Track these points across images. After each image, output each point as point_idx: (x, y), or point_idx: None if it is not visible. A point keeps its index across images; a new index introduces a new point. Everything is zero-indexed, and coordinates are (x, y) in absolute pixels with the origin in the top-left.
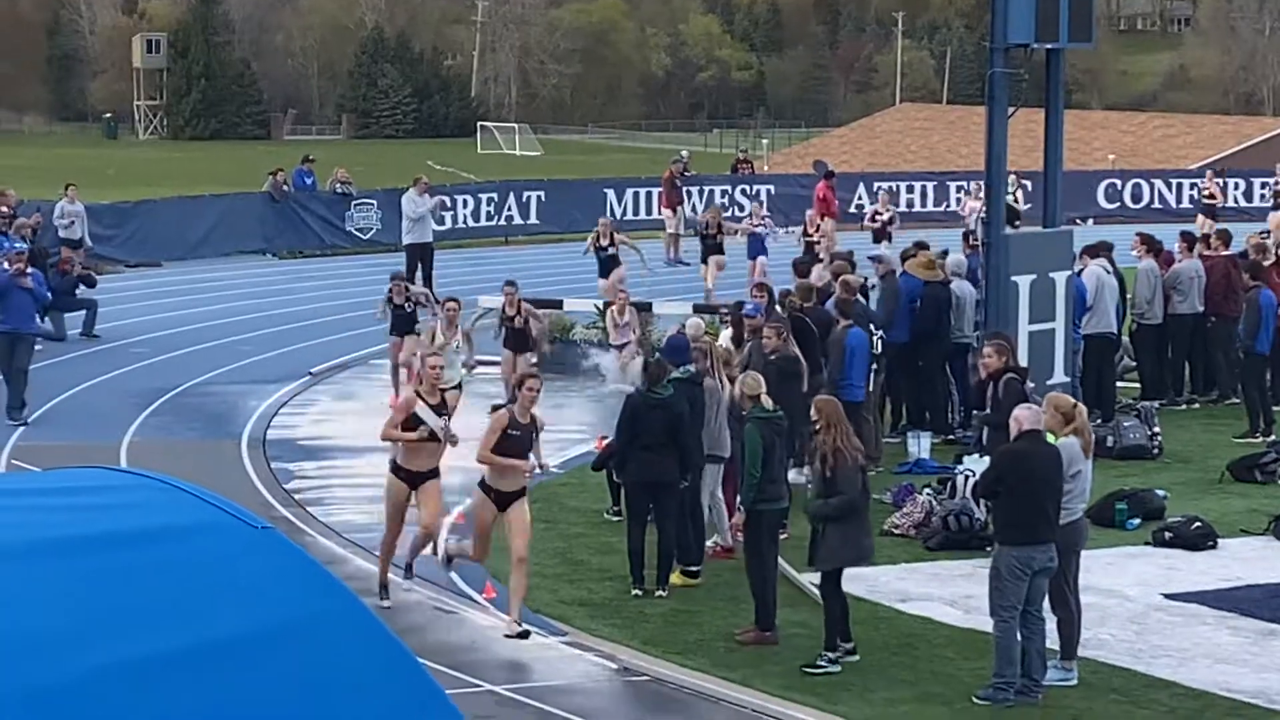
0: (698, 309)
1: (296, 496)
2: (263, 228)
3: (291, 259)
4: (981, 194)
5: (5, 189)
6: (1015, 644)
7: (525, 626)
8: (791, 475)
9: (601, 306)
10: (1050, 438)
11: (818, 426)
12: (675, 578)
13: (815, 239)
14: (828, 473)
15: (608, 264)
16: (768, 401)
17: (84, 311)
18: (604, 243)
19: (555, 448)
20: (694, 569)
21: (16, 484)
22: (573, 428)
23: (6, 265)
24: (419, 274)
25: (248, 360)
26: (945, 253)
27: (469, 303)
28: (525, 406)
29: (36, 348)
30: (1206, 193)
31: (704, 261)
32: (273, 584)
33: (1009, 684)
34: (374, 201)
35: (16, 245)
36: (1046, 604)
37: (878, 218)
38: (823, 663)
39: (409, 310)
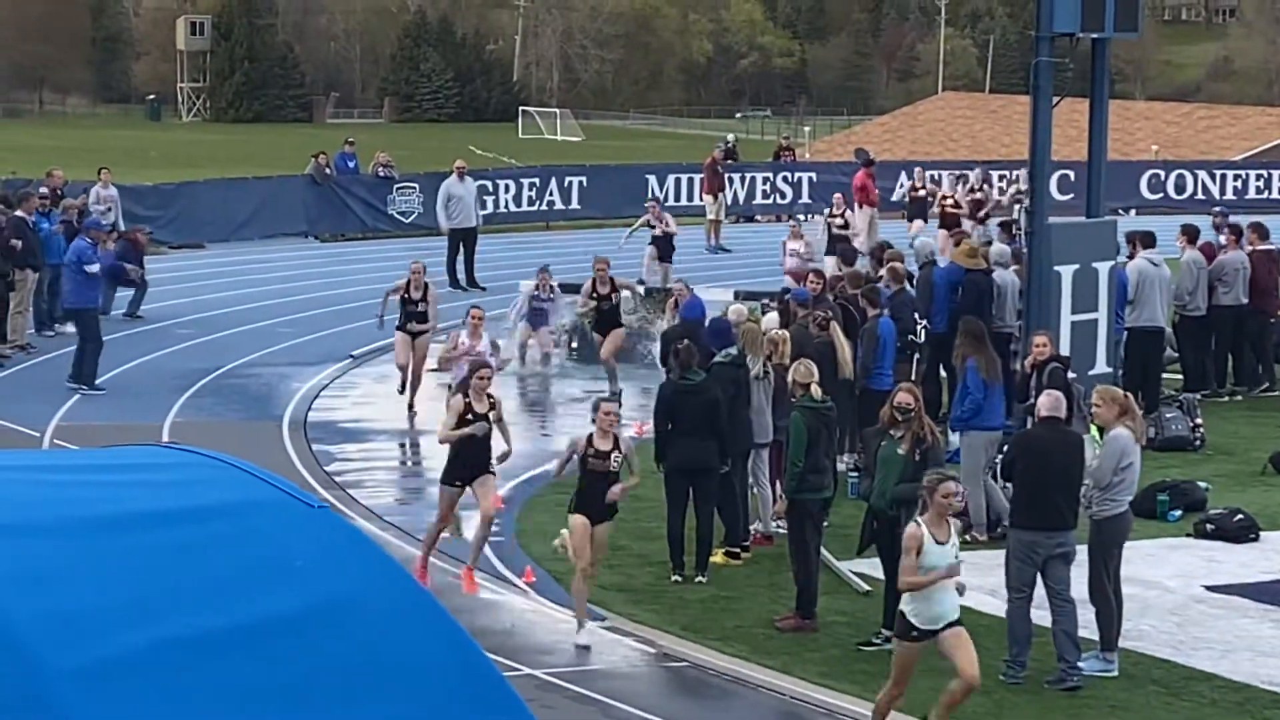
0: (739, 295)
1: (337, 479)
2: (305, 210)
3: (333, 242)
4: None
5: (54, 169)
6: (1022, 624)
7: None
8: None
9: (644, 291)
10: (1094, 431)
11: (914, 411)
12: (718, 558)
13: (843, 226)
14: (917, 456)
15: (663, 246)
16: (817, 391)
17: (133, 290)
18: (655, 222)
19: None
20: (737, 550)
21: (74, 460)
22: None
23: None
24: (460, 259)
25: (289, 342)
26: (989, 242)
27: (509, 287)
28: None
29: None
30: (927, 191)
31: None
32: (328, 561)
33: (1018, 662)
34: (416, 185)
35: (103, 224)
36: (1084, 593)
37: (916, 194)
38: (877, 641)
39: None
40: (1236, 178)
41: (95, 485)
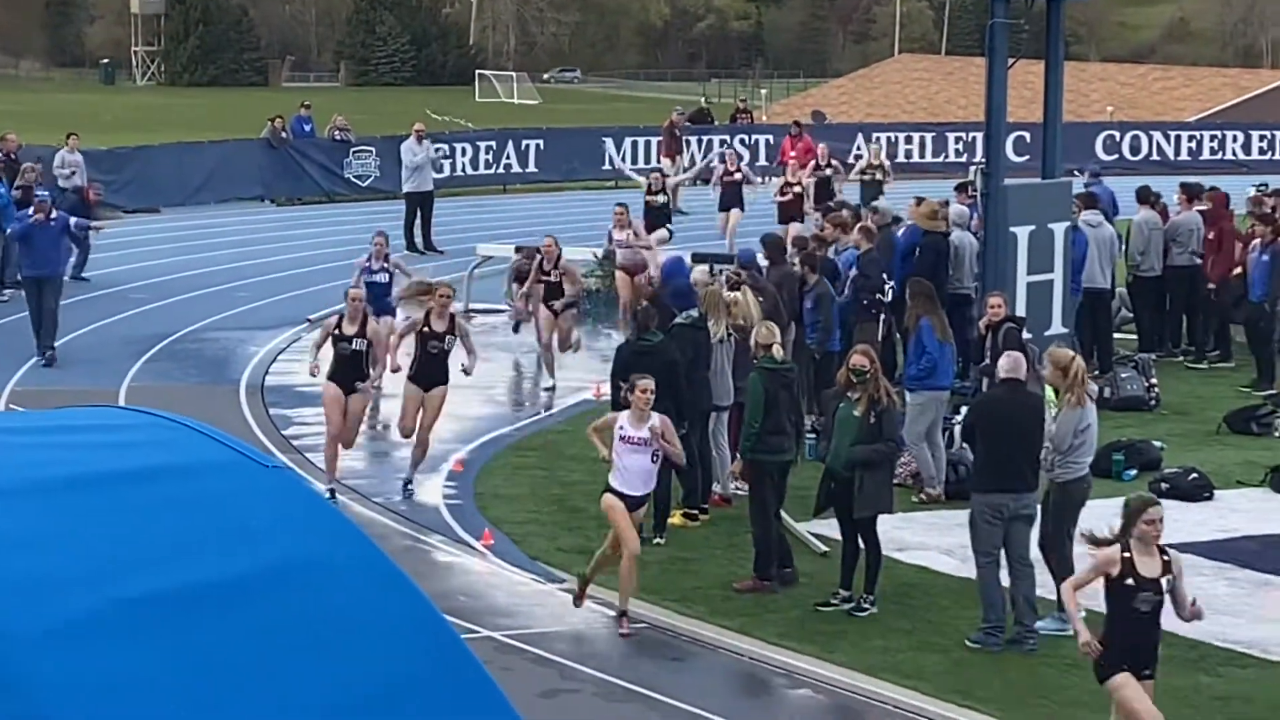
0: (696, 257)
1: (295, 443)
2: (261, 174)
3: (290, 206)
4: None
5: (6, 134)
6: (995, 588)
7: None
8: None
9: (600, 255)
10: (1050, 393)
11: (869, 374)
12: (676, 519)
13: (796, 189)
14: (872, 418)
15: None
16: (779, 352)
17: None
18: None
19: (555, 396)
20: (695, 511)
21: (24, 422)
22: (573, 378)
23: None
24: (418, 222)
25: (246, 307)
26: (946, 203)
27: (466, 251)
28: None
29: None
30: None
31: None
32: (284, 523)
33: (997, 628)
34: (372, 149)
35: (43, 195)
36: (1039, 553)
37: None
38: (866, 606)
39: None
40: (1191, 139)
41: (48, 447)
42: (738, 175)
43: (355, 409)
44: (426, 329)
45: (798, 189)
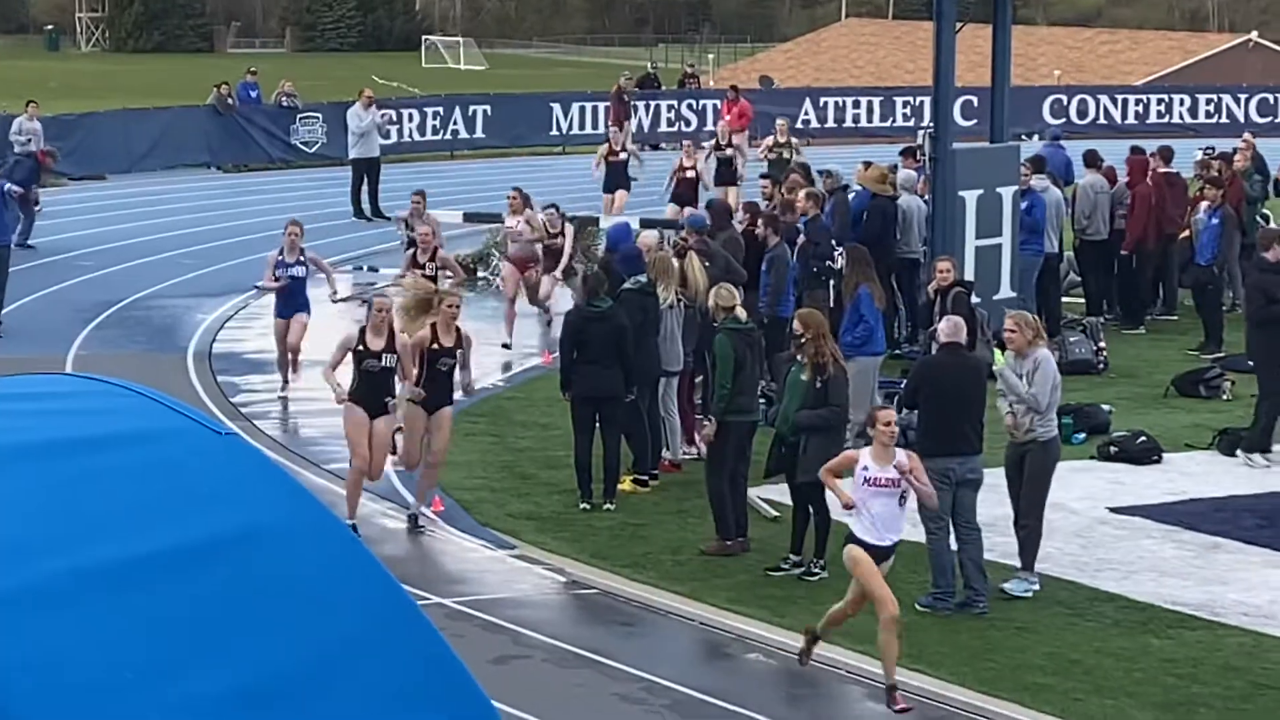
0: (645, 223)
1: (243, 410)
2: (207, 141)
3: (236, 172)
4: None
5: None
6: (945, 553)
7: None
8: None
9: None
10: (997, 356)
11: (805, 338)
12: (626, 485)
13: (730, 154)
14: (819, 383)
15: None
16: (741, 313)
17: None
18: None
19: (500, 363)
20: (645, 477)
21: None
22: (523, 345)
23: None
24: (364, 189)
25: (193, 274)
26: (895, 167)
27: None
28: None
29: None
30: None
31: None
32: (238, 489)
33: (947, 593)
34: (319, 115)
35: None
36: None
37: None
38: (817, 570)
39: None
40: (1138, 102)
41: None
42: (622, 155)
43: (383, 434)
44: (436, 345)
45: (729, 152)
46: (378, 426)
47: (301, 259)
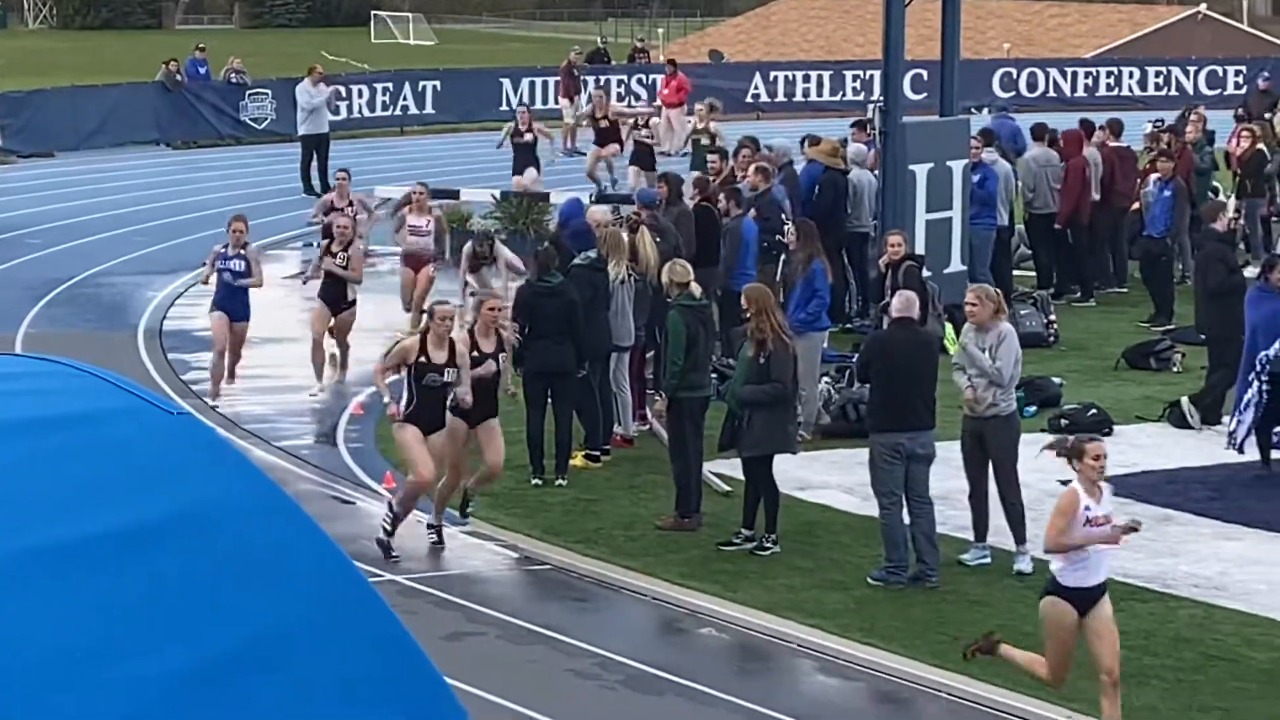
0: (597, 198)
1: (194, 388)
2: (156, 118)
3: (186, 149)
4: None
5: None
6: (898, 528)
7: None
8: None
9: (499, 196)
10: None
11: (750, 313)
12: (578, 461)
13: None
14: (762, 359)
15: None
16: (696, 289)
17: None
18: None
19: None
20: (596, 452)
21: None
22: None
23: None
24: (314, 165)
25: (143, 251)
26: (845, 141)
27: (364, 193)
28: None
29: None
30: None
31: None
32: (189, 468)
33: (899, 567)
34: (268, 91)
35: None
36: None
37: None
38: (769, 545)
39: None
40: (1088, 75)
41: None
42: (528, 136)
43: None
44: (475, 352)
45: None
46: (435, 442)
47: (243, 253)
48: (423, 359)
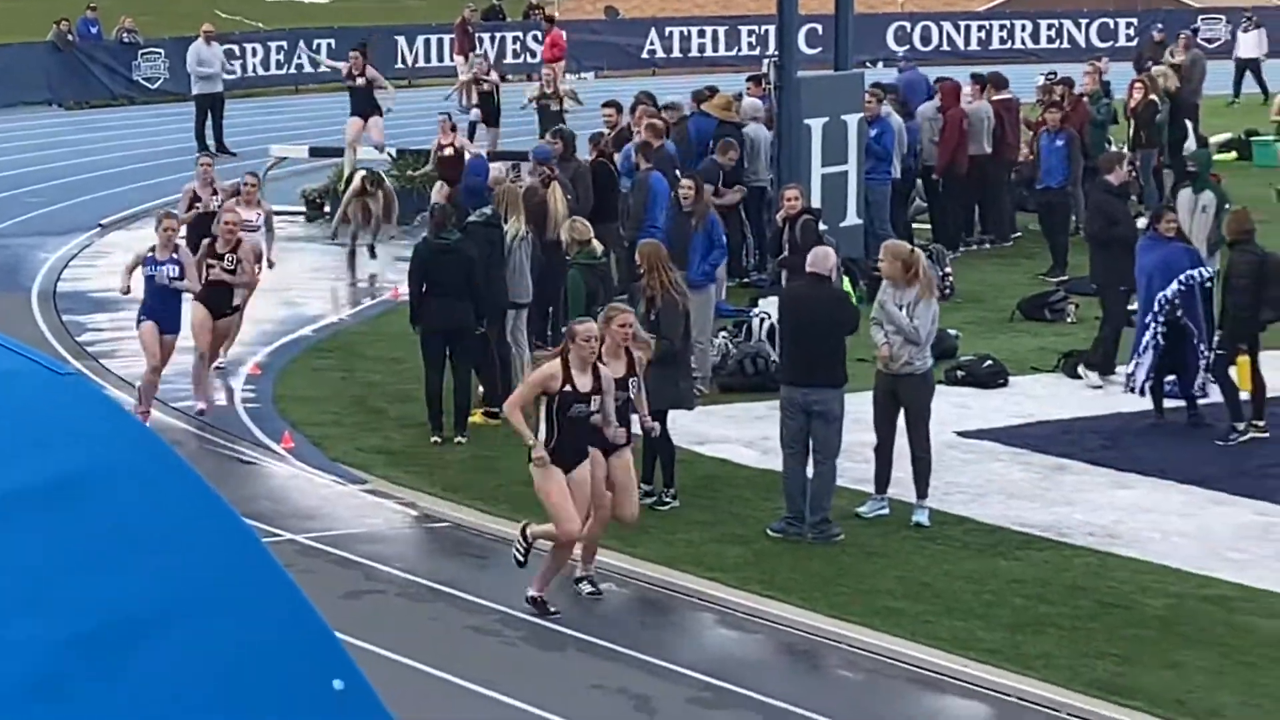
0: (491, 155)
1: (89, 349)
2: (48, 78)
3: (78, 110)
4: None
5: None
6: (796, 480)
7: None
8: None
9: (395, 154)
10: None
11: (642, 270)
12: (477, 418)
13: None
14: (652, 315)
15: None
16: (598, 247)
17: None
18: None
19: (349, 297)
20: (496, 410)
21: None
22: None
23: None
24: (209, 124)
25: (35, 212)
26: (740, 95)
27: (260, 152)
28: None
29: None
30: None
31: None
32: (80, 431)
33: (798, 519)
34: (161, 51)
35: None
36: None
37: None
38: (668, 499)
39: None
40: (981, 29)
41: None
42: (485, 86)
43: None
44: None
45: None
46: (579, 478)
47: (175, 257)
48: (566, 388)
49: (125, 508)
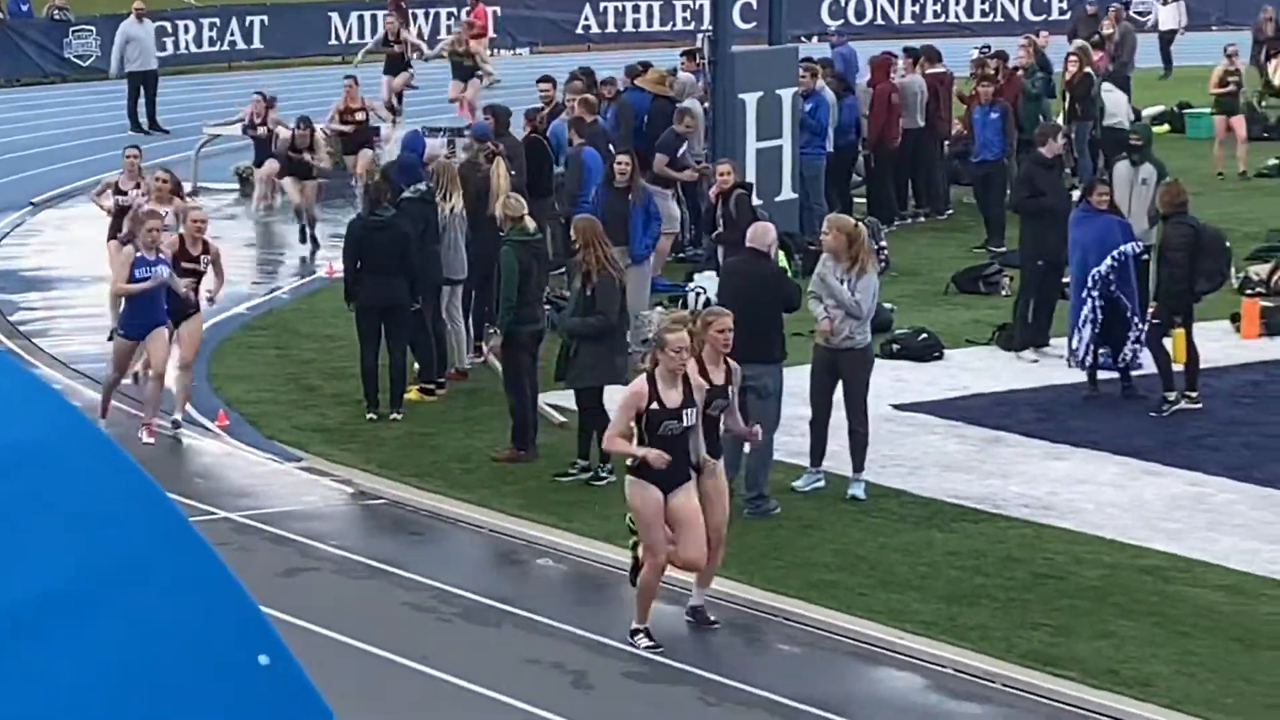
0: (429, 130)
1: (22, 328)
2: None
3: (8, 88)
4: None
5: None
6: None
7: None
8: None
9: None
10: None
11: (577, 246)
12: (412, 394)
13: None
14: (589, 291)
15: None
16: (530, 224)
17: None
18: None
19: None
20: (431, 385)
21: None
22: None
23: None
24: (141, 103)
25: None
26: (674, 70)
27: (193, 129)
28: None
29: None
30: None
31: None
32: (4, 408)
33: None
34: (93, 28)
35: None
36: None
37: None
38: (604, 475)
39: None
40: (915, 2)
41: None
42: (460, 49)
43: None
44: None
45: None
46: (677, 503)
47: (164, 255)
48: (654, 405)
49: (48, 485)
